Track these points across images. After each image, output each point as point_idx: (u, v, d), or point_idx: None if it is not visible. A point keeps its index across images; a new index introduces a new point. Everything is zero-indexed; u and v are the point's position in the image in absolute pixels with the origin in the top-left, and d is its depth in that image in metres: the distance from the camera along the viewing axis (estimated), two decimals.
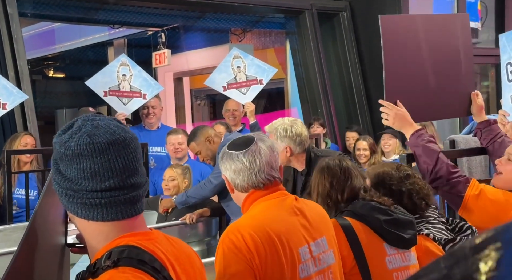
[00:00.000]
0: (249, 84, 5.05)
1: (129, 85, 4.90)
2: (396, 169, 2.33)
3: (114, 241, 1.17)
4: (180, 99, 9.04)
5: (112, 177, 1.15)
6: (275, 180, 1.82)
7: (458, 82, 2.91)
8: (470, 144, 3.03)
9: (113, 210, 1.17)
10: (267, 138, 1.87)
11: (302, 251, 1.75)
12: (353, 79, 6.59)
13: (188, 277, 1.25)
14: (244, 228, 1.70)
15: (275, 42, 8.30)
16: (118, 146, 1.16)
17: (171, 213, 4.07)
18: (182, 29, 7.77)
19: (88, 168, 1.15)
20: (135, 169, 1.19)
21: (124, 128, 1.21)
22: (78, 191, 1.15)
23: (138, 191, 1.20)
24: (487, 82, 7.79)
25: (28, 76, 4.78)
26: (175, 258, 1.22)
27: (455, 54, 2.92)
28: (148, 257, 1.14)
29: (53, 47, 9.12)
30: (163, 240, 1.24)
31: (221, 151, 1.86)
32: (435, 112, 2.93)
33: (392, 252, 2.07)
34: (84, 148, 1.14)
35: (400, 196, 2.24)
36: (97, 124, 1.17)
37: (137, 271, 1.11)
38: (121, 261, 1.11)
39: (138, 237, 1.18)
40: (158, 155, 5.04)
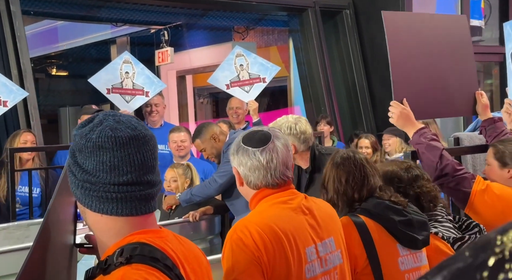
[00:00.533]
0: (252, 82, 5.04)
1: (132, 83, 4.90)
2: (405, 169, 2.30)
3: (125, 238, 1.17)
4: (183, 97, 9.04)
5: (131, 172, 1.16)
6: (288, 180, 1.81)
7: (461, 81, 2.92)
8: (474, 142, 3.03)
9: (128, 205, 1.17)
10: (281, 134, 1.84)
11: (308, 251, 1.73)
12: (356, 77, 6.58)
13: (196, 276, 1.24)
14: (252, 225, 1.67)
15: (278, 40, 8.29)
16: (139, 142, 1.17)
17: (174, 211, 4.06)
18: (185, 27, 7.76)
19: (108, 161, 1.15)
20: (152, 166, 1.20)
21: (144, 126, 1.22)
22: (95, 183, 1.16)
23: (153, 189, 1.20)
24: (490, 80, 7.77)
25: (31, 74, 4.78)
26: (184, 257, 1.22)
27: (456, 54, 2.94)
28: (160, 254, 1.14)
29: (56, 45, 9.13)
30: (172, 238, 1.24)
31: (235, 144, 1.81)
32: (440, 110, 2.93)
33: (405, 252, 2.05)
34: (105, 140, 1.15)
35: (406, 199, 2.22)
36: (118, 119, 1.18)
37: (150, 268, 1.11)
38: (133, 258, 1.11)
39: (149, 235, 1.18)
40: (161, 153, 5.00)
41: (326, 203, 1.97)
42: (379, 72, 6.35)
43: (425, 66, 2.80)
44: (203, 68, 8.38)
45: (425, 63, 2.80)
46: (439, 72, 2.85)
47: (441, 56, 2.87)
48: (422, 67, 2.78)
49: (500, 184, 2.48)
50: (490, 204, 2.40)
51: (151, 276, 1.09)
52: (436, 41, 2.87)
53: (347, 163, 2.13)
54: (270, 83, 5.20)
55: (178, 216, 3.95)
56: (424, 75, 2.79)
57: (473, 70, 3.02)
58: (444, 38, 2.91)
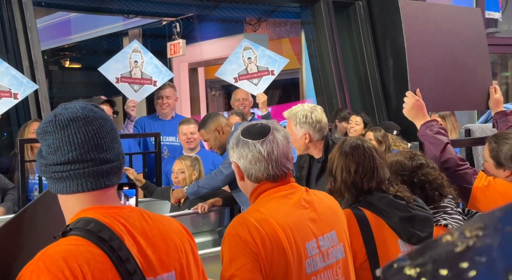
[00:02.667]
0: (260, 75, 5.01)
1: (140, 72, 4.90)
2: (409, 158, 2.27)
3: (77, 213, 1.27)
4: (195, 89, 9.03)
5: (71, 151, 1.25)
6: (289, 172, 1.78)
7: (475, 74, 2.89)
8: (486, 133, 2.98)
9: (74, 182, 1.27)
10: (281, 127, 1.82)
11: (309, 246, 1.71)
12: (369, 70, 6.51)
13: (155, 250, 1.30)
14: (250, 221, 1.65)
15: (290, 32, 8.24)
16: (78, 123, 1.26)
17: (183, 203, 4.06)
18: (197, 19, 7.74)
19: (52, 143, 1.26)
20: (98, 145, 1.28)
21: (92, 109, 1.31)
22: (47, 165, 1.28)
23: (102, 166, 1.28)
24: (507, 73, 7.65)
25: (42, 66, 4.79)
26: (142, 233, 1.29)
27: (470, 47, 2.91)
28: (99, 227, 1.23)
29: (69, 38, 9.17)
30: (132, 215, 1.31)
31: (234, 138, 1.80)
32: (453, 103, 2.90)
33: (406, 249, 2.00)
34: (48, 125, 1.27)
35: (411, 188, 2.18)
36: (67, 106, 1.31)
37: (82, 240, 1.20)
38: (72, 230, 1.22)
39: (99, 210, 1.27)
40: (172, 145, 5.03)
41: (329, 196, 1.93)
42: (391, 64, 6.28)
43: (441, 57, 2.77)
44: (215, 60, 8.36)
45: (441, 54, 2.78)
46: (454, 64, 2.82)
47: (456, 48, 2.84)
48: (437, 58, 2.76)
49: (503, 180, 2.44)
50: (491, 201, 2.36)
51: (78, 248, 1.19)
52: (451, 33, 2.84)
53: (356, 153, 2.08)
54: (282, 76, 5.18)
55: (188, 208, 3.95)
56: (439, 66, 2.76)
57: (487, 64, 2.98)
58: (459, 31, 2.88)
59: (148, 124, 5.09)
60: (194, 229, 3.82)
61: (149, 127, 5.05)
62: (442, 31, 2.79)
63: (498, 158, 2.47)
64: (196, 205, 3.83)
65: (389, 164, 2.25)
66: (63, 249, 1.18)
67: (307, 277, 1.69)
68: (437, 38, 2.76)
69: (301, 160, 3.39)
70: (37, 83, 4.50)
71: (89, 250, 1.19)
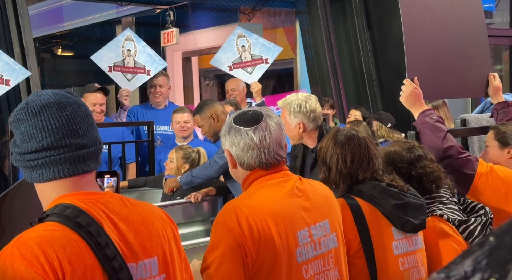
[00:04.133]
0: (254, 64, 4.99)
1: (133, 61, 4.85)
2: (407, 149, 2.25)
3: (54, 200, 1.24)
4: (188, 78, 8.98)
5: (45, 137, 1.23)
6: (282, 160, 1.77)
7: (474, 62, 2.87)
8: (481, 123, 2.98)
9: (50, 169, 1.24)
10: (274, 114, 1.80)
11: (300, 234, 1.69)
12: (364, 60, 6.48)
13: (137, 235, 1.28)
14: (240, 208, 1.64)
15: (284, 22, 8.19)
16: (52, 109, 1.23)
17: (176, 192, 4.03)
18: (191, 8, 7.68)
19: (25, 131, 1.23)
20: (73, 130, 1.25)
21: (66, 95, 1.28)
22: (21, 154, 1.25)
23: (78, 151, 1.25)
24: (500, 65, 7.65)
25: (33, 52, 4.73)
26: (122, 218, 1.27)
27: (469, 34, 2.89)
28: (76, 212, 1.20)
29: (61, 25, 9.07)
30: (112, 201, 1.29)
31: (226, 125, 1.77)
32: (452, 90, 2.89)
33: (400, 236, 2.00)
34: (20, 113, 1.24)
35: (409, 180, 2.17)
36: (40, 93, 1.27)
37: (58, 225, 1.18)
38: (49, 216, 1.20)
39: (78, 197, 1.25)
40: (165, 134, 5.00)
41: (322, 185, 1.92)
42: (386, 54, 6.26)
43: (439, 45, 2.76)
44: (208, 49, 8.31)
45: (439, 41, 2.76)
46: (453, 52, 2.80)
47: (455, 35, 2.82)
48: (436, 46, 2.74)
49: (504, 167, 2.43)
50: (494, 187, 2.36)
51: (54, 233, 1.17)
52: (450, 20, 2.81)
53: (352, 143, 2.06)
54: (277, 66, 5.15)
55: (180, 197, 3.92)
56: (437, 54, 2.75)
57: (486, 51, 2.96)
58: (458, 18, 2.86)
59: (141, 113, 5.05)
60: (187, 219, 3.80)
61: (142, 116, 5.02)
62: (441, 18, 2.76)
63: (504, 138, 2.49)
64: (189, 194, 3.81)
65: (386, 154, 2.23)
66: (38, 235, 1.16)
67: (298, 266, 1.67)
68: (436, 26, 2.74)
69: (295, 150, 3.37)
70: (28, 69, 4.45)
71: (65, 236, 1.16)
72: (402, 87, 2.60)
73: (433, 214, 2.14)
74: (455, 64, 2.78)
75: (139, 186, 4.29)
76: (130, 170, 4.74)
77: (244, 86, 5.20)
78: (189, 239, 3.59)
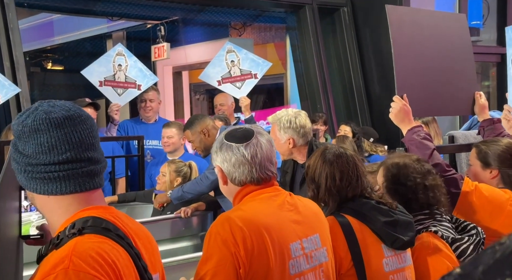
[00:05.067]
0: (243, 78, 5.01)
1: (124, 75, 4.86)
2: (417, 161, 2.26)
3: (75, 214, 1.22)
4: (179, 93, 9.00)
5: (69, 150, 1.20)
6: (273, 176, 1.79)
7: (461, 80, 2.92)
8: (469, 140, 3.01)
9: (71, 182, 1.21)
10: (264, 131, 1.82)
11: (293, 247, 1.71)
12: (353, 75, 6.54)
13: (147, 251, 1.30)
14: (233, 219, 1.66)
15: (275, 37, 8.25)
16: (74, 121, 1.22)
17: (166, 207, 4.02)
18: (182, 23, 7.71)
19: (45, 142, 1.19)
20: (92, 144, 1.24)
21: (80, 108, 1.27)
22: (36, 165, 1.20)
23: (96, 166, 1.25)
24: (488, 82, 7.74)
25: (23, 67, 4.73)
26: (135, 233, 1.28)
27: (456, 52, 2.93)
28: (112, 226, 1.19)
29: (51, 39, 9.07)
30: (122, 216, 1.29)
31: (217, 141, 1.79)
32: (439, 108, 2.92)
33: (390, 254, 2.01)
34: (40, 123, 1.20)
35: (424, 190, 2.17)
36: (53, 104, 1.24)
37: (103, 238, 1.16)
38: (86, 229, 1.16)
39: (99, 210, 1.23)
40: (155, 149, 5.00)
41: (311, 202, 1.94)
42: (376, 70, 6.32)
43: (427, 63, 2.79)
44: (199, 64, 8.33)
45: (427, 59, 2.79)
46: (440, 70, 2.84)
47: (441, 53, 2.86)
48: (424, 63, 2.77)
49: (489, 186, 2.45)
50: (478, 206, 2.37)
51: (104, 244, 1.15)
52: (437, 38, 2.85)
53: (340, 161, 2.08)
54: (267, 81, 5.19)
55: (171, 212, 3.90)
56: (426, 72, 2.78)
57: (472, 69, 3.00)
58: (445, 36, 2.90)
59: (131, 127, 5.05)
60: (176, 234, 3.78)
61: (132, 130, 5.01)
62: (428, 36, 2.80)
63: (486, 158, 2.50)
64: (179, 209, 3.79)
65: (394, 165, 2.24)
66: (92, 246, 1.13)
67: (291, 278, 1.68)
68: (424, 43, 2.78)
69: (285, 165, 3.38)
70: (18, 84, 4.44)
71: (113, 247, 1.16)
72: (392, 104, 2.63)
73: (427, 230, 2.15)
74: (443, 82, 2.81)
75: (128, 201, 4.27)
76: (119, 185, 4.73)
77: (233, 101, 5.22)
78: (179, 254, 3.57)
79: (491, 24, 7.20)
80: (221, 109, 5.13)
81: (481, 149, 2.53)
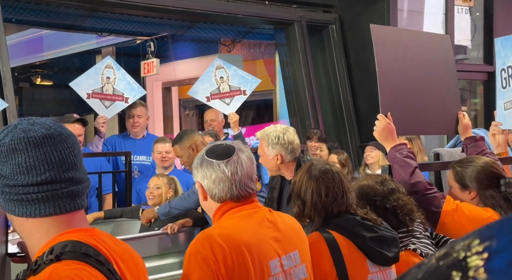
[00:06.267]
0: (232, 95, 5.03)
1: (112, 88, 4.86)
2: (380, 183, 2.28)
3: (55, 237, 1.16)
4: (168, 108, 9.00)
5: (49, 170, 1.15)
6: (253, 193, 1.80)
7: (445, 100, 2.94)
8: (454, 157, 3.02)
9: (51, 204, 1.16)
10: (245, 148, 1.83)
11: (272, 264, 1.71)
12: (342, 92, 6.58)
13: (132, 274, 1.24)
14: (213, 237, 1.66)
15: (264, 54, 8.30)
16: (54, 140, 1.17)
17: (153, 223, 3.99)
18: (171, 39, 7.74)
19: (23, 162, 1.14)
20: (73, 163, 1.19)
21: (61, 125, 1.22)
22: (13, 186, 1.15)
23: (78, 186, 1.20)
24: (476, 99, 7.82)
25: (11, 82, 4.70)
26: (119, 256, 1.22)
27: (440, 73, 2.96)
28: (92, 251, 1.14)
29: (41, 55, 9.07)
30: (106, 237, 1.24)
31: (198, 157, 1.80)
32: (422, 127, 2.94)
33: (375, 270, 2.02)
34: (18, 142, 1.15)
35: (384, 212, 2.19)
36: (33, 122, 1.19)
37: (81, 264, 1.11)
38: (64, 254, 1.11)
39: (80, 233, 1.18)
40: (143, 164, 4.98)
41: (292, 218, 1.94)
42: (364, 87, 6.36)
43: (411, 82, 2.82)
44: (189, 80, 8.35)
45: (411, 79, 2.82)
46: (424, 89, 2.86)
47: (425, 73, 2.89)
48: (408, 83, 2.80)
49: (470, 204, 2.46)
50: (459, 225, 2.38)
51: (82, 271, 1.09)
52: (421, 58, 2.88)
53: (326, 177, 2.09)
54: (256, 97, 5.21)
55: (158, 228, 3.88)
56: (409, 91, 2.80)
57: (456, 90, 3.03)
58: (429, 56, 2.93)
59: (119, 143, 5.03)
60: (163, 250, 3.75)
61: (120, 146, 5.00)
62: (412, 56, 2.83)
63: (463, 180, 2.50)
64: (166, 225, 3.77)
65: (359, 188, 2.26)
66: (69, 274, 1.07)
67: None
68: (408, 63, 2.81)
69: (272, 181, 3.38)
70: (5, 99, 4.42)
71: (93, 274, 1.10)
72: (376, 122, 2.65)
73: (406, 248, 2.16)
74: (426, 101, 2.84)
75: (115, 217, 4.24)
76: (106, 201, 4.70)
77: (223, 117, 5.23)
78: (165, 271, 3.54)
79: (478, 42, 7.29)
80: (211, 124, 5.14)
81: (457, 171, 2.52)
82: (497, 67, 3.06)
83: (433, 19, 6.77)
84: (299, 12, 6.47)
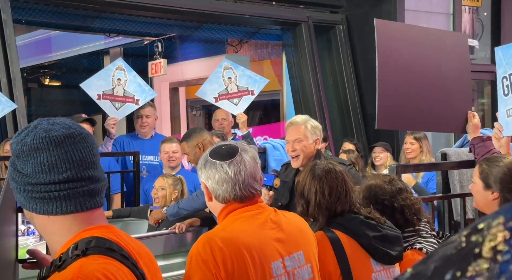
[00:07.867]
0: (240, 95, 5.04)
1: (123, 90, 4.88)
2: (388, 182, 2.29)
3: (78, 234, 1.19)
4: (175, 109, 9.02)
5: (70, 169, 1.18)
6: (257, 193, 1.80)
7: (454, 98, 2.92)
8: (461, 157, 3.02)
9: (72, 202, 1.18)
10: (249, 148, 1.84)
11: (274, 266, 1.71)
12: (349, 92, 6.58)
13: (149, 270, 1.27)
14: (214, 240, 1.67)
15: (271, 54, 8.31)
16: (74, 139, 1.19)
17: (161, 223, 4.01)
18: (179, 39, 7.77)
19: (45, 161, 1.16)
20: (92, 162, 1.22)
21: (80, 125, 1.25)
22: (35, 185, 1.17)
23: (97, 184, 1.22)
24: (483, 99, 7.79)
25: (20, 83, 4.75)
26: (137, 252, 1.25)
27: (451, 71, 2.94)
28: (116, 246, 1.17)
29: (49, 55, 9.12)
30: (124, 235, 1.26)
31: (202, 158, 1.81)
32: (427, 124, 2.93)
33: (378, 268, 2.03)
34: (40, 141, 1.17)
35: (392, 212, 2.21)
36: (53, 122, 1.21)
37: (108, 258, 1.13)
38: (90, 250, 1.13)
39: (102, 230, 1.20)
40: (151, 164, 5.01)
41: (298, 217, 1.95)
42: (371, 87, 6.34)
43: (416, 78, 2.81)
44: (196, 80, 8.37)
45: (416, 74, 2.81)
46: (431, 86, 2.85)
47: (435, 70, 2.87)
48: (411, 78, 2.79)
49: None
50: None
51: (109, 265, 1.12)
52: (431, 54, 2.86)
53: (329, 177, 2.11)
54: (263, 97, 5.21)
55: (166, 228, 3.90)
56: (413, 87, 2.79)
57: (468, 89, 3.02)
58: (441, 54, 2.91)
59: (127, 143, 5.06)
60: (170, 250, 3.78)
61: (128, 146, 5.02)
62: (420, 52, 2.82)
63: (487, 179, 2.48)
64: (174, 224, 3.79)
65: (367, 187, 2.27)
66: (98, 268, 1.10)
67: None
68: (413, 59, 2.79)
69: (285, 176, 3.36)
70: (15, 100, 4.46)
71: (119, 268, 1.13)
72: None
73: (412, 247, 2.17)
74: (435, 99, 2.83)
75: (123, 217, 4.27)
76: (115, 201, 4.73)
77: (232, 118, 5.24)
78: (174, 270, 3.56)
79: (486, 42, 7.27)
80: (223, 123, 5.14)
81: (483, 169, 2.50)
82: (497, 76, 3.04)
83: (440, 19, 6.76)
84: (306, 13, 6.48)
